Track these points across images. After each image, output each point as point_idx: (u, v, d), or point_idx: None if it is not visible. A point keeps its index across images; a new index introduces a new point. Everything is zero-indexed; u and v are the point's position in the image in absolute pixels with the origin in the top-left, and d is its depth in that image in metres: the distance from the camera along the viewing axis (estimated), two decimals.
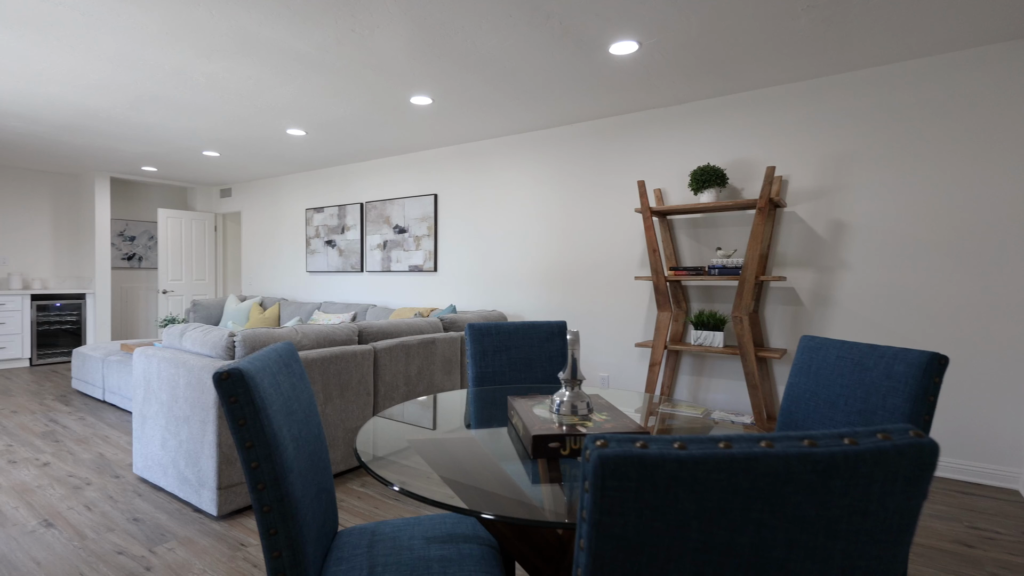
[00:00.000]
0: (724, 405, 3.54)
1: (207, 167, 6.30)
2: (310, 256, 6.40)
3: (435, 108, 3.95)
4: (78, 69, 3.27)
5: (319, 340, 3.01)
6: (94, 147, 5.35)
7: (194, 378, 2.55)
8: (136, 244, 7.60)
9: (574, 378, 1.36)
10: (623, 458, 0.60)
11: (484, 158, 4.85)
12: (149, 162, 6.07)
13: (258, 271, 7.14)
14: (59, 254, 6.90)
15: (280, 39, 2.84)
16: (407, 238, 5.43)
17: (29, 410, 4.33)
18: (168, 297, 7.24)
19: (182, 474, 2.62)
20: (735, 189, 3.50)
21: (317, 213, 6.30)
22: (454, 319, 3.97)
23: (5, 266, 6.48)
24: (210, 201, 7.82)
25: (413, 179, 5.40)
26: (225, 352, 2.63)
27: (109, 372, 4.49)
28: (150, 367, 2.83)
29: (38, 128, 4.66)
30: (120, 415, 4.21)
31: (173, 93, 3.69)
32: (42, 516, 2.49)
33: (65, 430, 3.81)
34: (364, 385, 3.13)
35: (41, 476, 2.96)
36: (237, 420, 1.08)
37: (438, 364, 3.65)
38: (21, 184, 6.57)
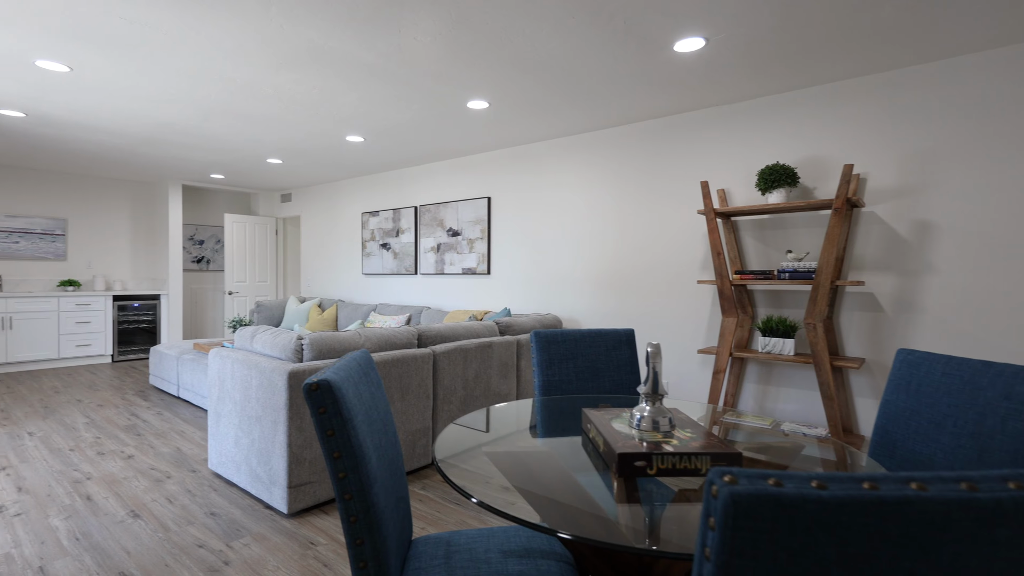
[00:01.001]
0: (793, 416, 3.37)
1: (270, 173, 6.56)
2: (366, 259, 6.55)
3: (491, 112, 3.96)
4: (159, 85, 3.46)
5: (381, 343, 3.06)
6: (168, 157, 5.66)
7: (265, 380, 2.64)
8: (204, 247, 8.01)
9: (655, 392, 1.32)
10: (758, 497, 0.55)
11: (538, 160, 4.82)
12: (217, 170, 6.38)
13: (316, 273, 7.37)
14: (136, 257, 7.35)
15: (346, 50, 2.91)
16: (460, 241, 5.47)
17: (113, 404, 4.63)
18: (233, 298, 7.59)
19: (254, 472, 2.72)
20: (806, 188, 3.33)
21: (372, 216, 6.45)
22: (510, 323, 3.96)
23: (90, 269, 6.96)
24: (272, 206, 8.14)
25: (466, 182, 5.44)
26: (294, 355, 2.71)
27: (183, 370, 4.74)
28: (224, 368, 2.96)
29: (121, 141, 4.97)
30: (193, 411, 4.43)
31: (242, 105, 3.85)
32: (129, 507, 2.64)
33: (145, 424, 4.04)
34: (424, 388, 3.16)
35: (126, 468, 3.15)
36: (325, 431, 1.10)
37: (495, 368, 3.65)
38: (104, 193, 7.04)
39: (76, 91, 3.60)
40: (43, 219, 6.55)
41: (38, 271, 6.55)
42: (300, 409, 2.55)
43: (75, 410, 4.43)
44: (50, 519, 2.51)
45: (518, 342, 3.87)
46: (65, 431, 3.85)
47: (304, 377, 2.57)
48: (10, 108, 4.01)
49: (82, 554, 2.22)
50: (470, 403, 3.46)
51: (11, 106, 3.96)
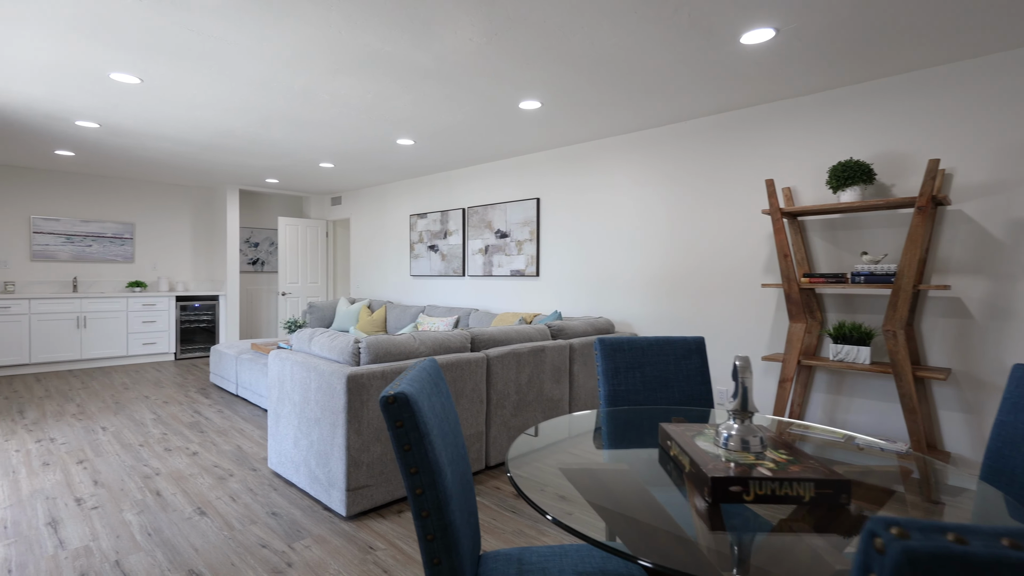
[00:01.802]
0: (868, 428, 3.16)
1: (322, 177, 6.71)
2: (414, 260, 6.61)
3: (544, 112, 3.90)
4: (222, 94, 3.57)
5: (435, 347, 3.05)
6: (228, 163, 5.87)
7: (324, 382, 2.66)
8: (259, 250, 8.28)
9: (744, 409, 1.22)
10: (938, 557, 0.47)
11: (588, 160, 4.73)
12: (272, 174, 6.57)
13: (365, 275, 7.50)
14: (197, 259, 7.67)
15: (401, 54, 2.91)
16: (509, 243, 5.44)
17: (177, 401, 4.82)
18: (286, 299, 7.81)
19: (313, 473, 2.75)
20: (883, 186, 3.12)
21: (420, 219, 6.50)
22: (561, 327, 3.89)
23: (155, 270, 7.30)
24: (322, 208, 8.34)
25: (515, 183, 5.40)
26: (351, 358, 2.73)
27: (241, 369, 4.89)
28: (284, 369, 3.01)
29: (185, 148, 5.17)
30: (251, 409, 4.56)
31: (299, 111, 3.92)
32: (196, 504, 2.72)
33: (207, 422, 4.18)
34: (477, 393, 3.13)
35: (192, 465, 3.25)
36: (402, 445, 1.06)
37: (547, 373, 3.59)
38: (167, 198, 7.38)
39: (146, 102, 3.76)
40: (113, 224, 6.92)
41: (109, 273, 6.92)
42: (358, 412, 2.56)
43: (143, 406, 4.63)
44: (124, 513, 2.61)
45: (571, 346, 3.79)
46: (135, 427, 4.02)
47: (363, 381, 2.58)
48: (87, 119, 4.23)
49: (154, 549, 2.29)
50: (523, 408, 3.41)
51: (87, 118, 4.17)
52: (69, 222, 6.60)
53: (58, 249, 6.54)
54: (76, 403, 4.71)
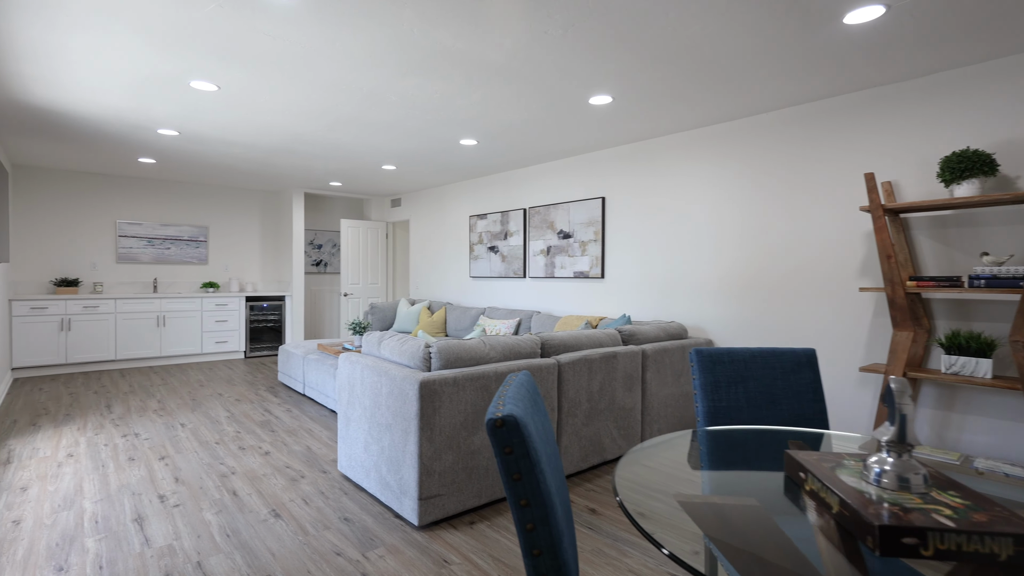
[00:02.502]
0: (986, 450, 2.82)
1: (383, 179, 6.77)
2: (473, 262, 6.57)
3: (614, 107, 3.73)
4: (293, 99, 3.61)
5: (505, 352, 2.95)
6: (294, 166, 6.01)
7: (396, 388, 2.61)
8: (323, 251, 8.49)
9: (903, 442, 1.04)
10: None
11: (659, 156, 4.52)
12: (336, 177, 6.69)
13: (424, 276, 7.54)
14: (265, 261, 7.94)
15: (473, 50, 2.83)
16: (572, 243, 5.29)
17: (248, 399, 4.96)
18: (348, 299, 7.97)
19: (384, 479, 2.71)
20: (1007, 178, 2.77)
21: (480, 219, 6.45)
22: (633, 331, 3.71)
23: (227, 272, 7.61)
24: (383, 210, 8.46)
25: (579, 182, 5.25)
26: (422, 363, 2.67)
27: (308, 369, 4.98)
28: (354, 373, 2.99)
29: (255, 153, 5.33)
30: (318, 409, 4.62)
31: (367, 113, 3.93)
32: (271, 506, 2.73)
33: (277, 421, 4.26)
34: (549, 401, 3.01)
35: (265, 465, 3.30)
36: (511, 473, 0.95)
37: (619, 380, 3.42)
38: (238, 202, 7.67)
39: (222, 109, 3.86)
40: (189, 227, 7.26)
41: (185, 274, 7.26)
42: (430, 419, 2.50)
43: (217, 404, 4.79)
44: (203, 512, 2.65)
45: (643, 352, 3.61)
46: (210, 424, 4.15)
47: (435, 387, 2.51)
48: (167, 128, 4.41)
49: (233, 552, 2.30)
50: (594, 417, 3.26)
51: (168, 126, 4.34)
52: (150, 226, 6.96)
53: (140, 251, 6.91)
54: (157, 399, 4.93)
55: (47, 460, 3.33)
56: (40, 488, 2.91)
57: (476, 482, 2.68)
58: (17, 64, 3.11)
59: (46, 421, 4.18)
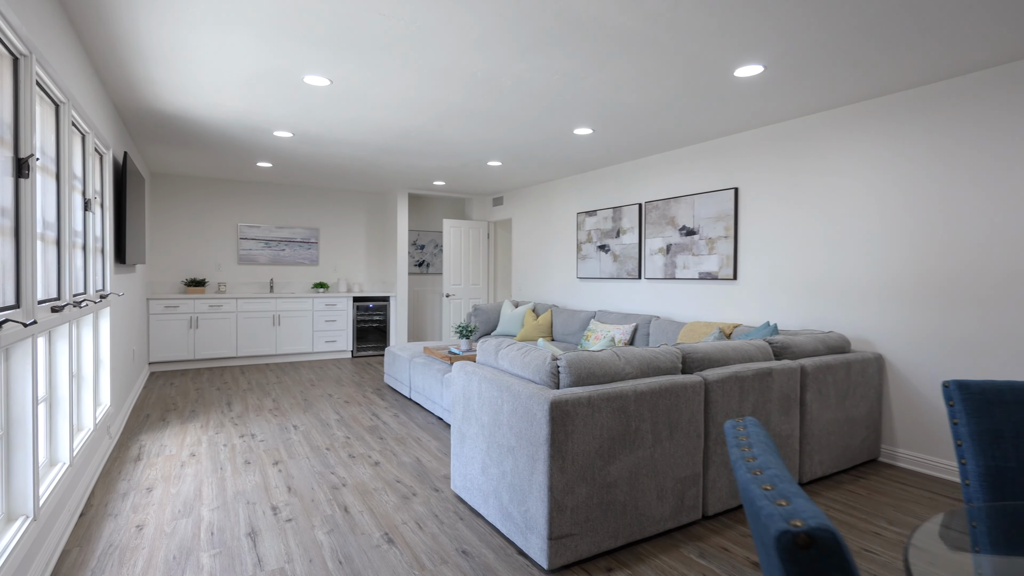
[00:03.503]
0: None
1: (487, 177, 6.56)
2: (581, 262, 6.16)
3: (764, 79, 3.16)
4: (403, 89, 3.41)
5: (642, 367, 2.52)
6: (400, 166, 5.94)
7: (520, 406, 2.27)
8: (425, 252, 8.48)
9: None
10: None
11: (809, 138, 3.85)
12: (440, 176, 6.57)
13: (527, 277, 7.24)
14: (370, 262, 8.05)
15: (605, 17, 2.43)
16: (697, 241, 4.71)
17: (356, 402, 4.90)
18: (450, 301, 7.87)
19: (505, 508, 2.38)
20: None
21: (589, 217, 6.02)
22: (785, 343, 3.12)
23: (336, 272, 7.79)
24: (484, 210, 8.29)
25: (706, 172, 4.66)
26: (549, 378, 2.31)
27: (414, 373, 4.83)
28: (470, 385, 2.70)
29: (364, 153, 5.29)
30: (425, 415, 4.44)
31: (478, 103, 3.66)
32: (383, 528, 2.50)
33: (385, 427, 4.12)
34: (694, 425, 2.53)
35: (375, 477, 3.11)
36: None
37: (775, 402, 2.86)
38: (346, 204, 7.84)
39: (333, 104, 3.76)
40: (302, 229, 7.50)
41: (298, 275, 7.51)
42: (562, 446, 2.13)
43: (327, 405, 4.77)
44: (315, 531, 2.48)
45: (802, 369, 3.01)
46: (321, 427, 4.09)
47: (567, 408, 2.14)
48: (282, 129, 4.43)
49: None
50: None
51: (283, 127, 4.36)
52: (267, 228, 7.27)
53: (259, 253, 7.23)
54: (272, 398, 5.02)
55: (172, 459, 3.38)
56: (163, 490, 2.91)
57: (612, 520, 2.27)
58: (148, 69, 3.16)
59: (174, 417, 4.34)
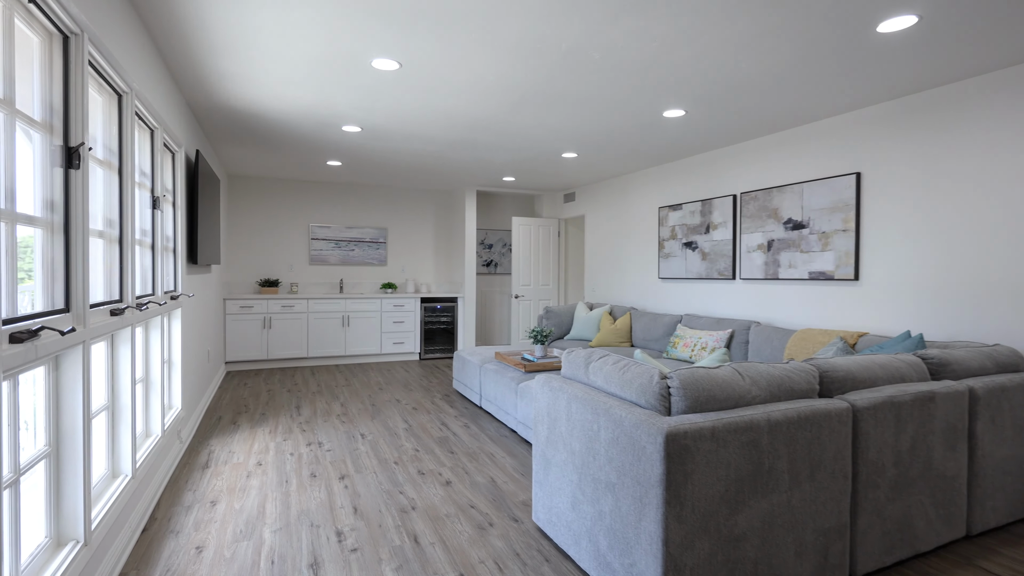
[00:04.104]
0: None
1: (560, 171, 6.16)
2: (663, 261, 5.63)
3: (916, 33, 2.58)
4: (476, 70, 3.09)
5: (772, 388, 2.04)
6: (469, 161, 5.66)
7: (623, 435, 1.87)
8: (493, 251, 8.20)
9: None
10: None
11: (958, 109, 3.18)
12: (510, 171, 6.25)
13: (601, 277, 6.78)
14: (438, 262, 7.86)
15: None
16: (807, 236, 4.10)
17: (424, 409, 4.65)
18: (519, 302, 7.53)
19: (602, 556, 1.98)
20: None
21: (673, 211, 5.49)
22: (943, 359, 2.52)
23: (403, 273, 7.66)
24: (554, 207, 7.89)
25: (819, 156, 4.04)
26: (657, 401, 1.88)
27: (485, 380, 4.51)
28: (557, 404, 2.32)
29: (433, 147, 5.04)
30: (497, 426, 4.11)
31: (559, 83, 3.28)
32: (458, 567, 2.17)
33: (455, 438, 3.82)
34: (840, 463, 2.02)
35: (447, 500, 2.80)
36: None
37: (937, 435, 2.29)
38: (414, 203, 7.68)
39: (402, 93, 3.50)
40: (371, 229, 7.41)
41: (366, 275, 7.43)
42: (679, 488, 1.70)
43: (395, 411, 4.55)
44: (382, 565, 2.18)
45: (971, 392, 2.41)
46: (389, 437, 3.85)
47: (688, 442, 1.71)
48: (351, 123, 4.24)
49: None
50: (903, 489, 2.18)
51: (351, 121, 4.17)
52: (337, 228, 7.23)
53: (329, 253, 7.20)
54: (340, 402, 4.86)
55: (239, 468, 3.22)
56: (227, 504, 2.73)
57: None
58: (216, 60, 3.01)
59: (244, 420, 4.25)
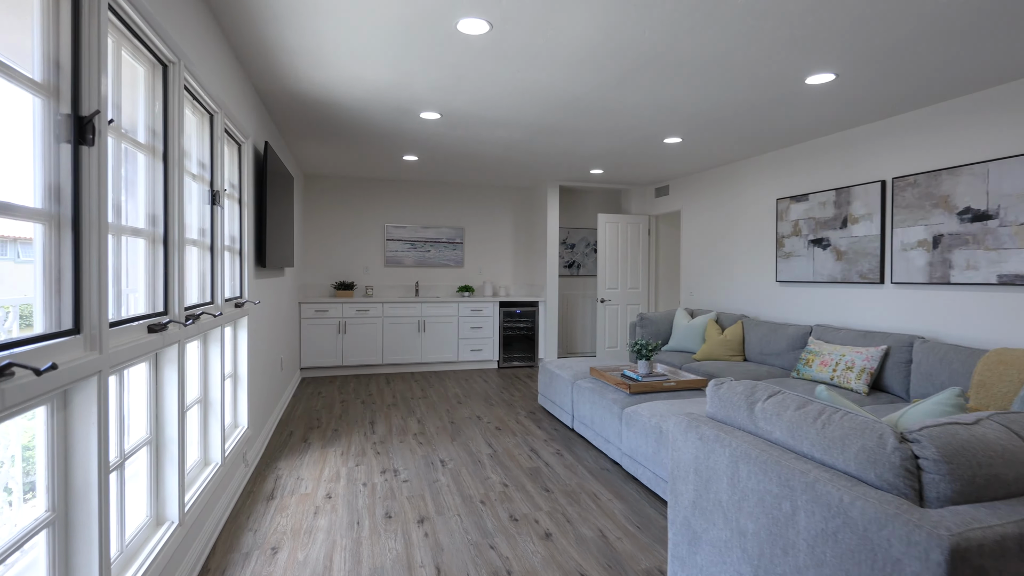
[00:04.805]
0: None
1: (657, 160, 5.45)
2: (782, 261, 4.80)
3: None
4: (581, 30, 2.51)
5: None
6: (555, 151, 5.10)
7: (846, 530, 1.22)
8: (575, 252, 7.59)
9: None
10: None
11: None
12: (599, 163, 5.62)
13: (701, 280, 5.99)
14: (517, 263, 7.36)
15: None
16: (994, 229, 3.19)
17: (509, 429, 4.13)
18: (605, 307, 6.87)
19: None
20: None
21: (797, 203, 4.65)
22: None
23: (481, 275, 7.21)
24: (643, 202, 7.17)
25: (1010, 128, 3.13)
26: (898, 477, 1.23)
27: (579, 399, 3.92)
28: (713, 460, 1.69)
29: (517, 135, 4.52)
30: (595, 456, 3.51)
31: (684, 43, 2.64)
32: None
33: (549, 470, 3.26)
34: None
35: (548, 562, 2.24)
36: None
37: None
38: (492, 200, 7.22)
39: (489, 64, 2.99)
40: (447, 228, 7.03)
41: (442, 277, 7.05)
42: None
43: (476, 431, 4.06)
44: None
45: None
46: (472, 465, 3.35)
47: (983, 559, 1.05)
48: (430, 109, 3.80)
49: None
50: None
51: (430, 106, 3.72)
52: (413, 229, 6.90)
53: (404, 254, 6.88)
54: (417, 417, 4.45)
55: (305, 500, 2.83)
56: (290, 554, 2.31)
57: None
58: (279, 31, 2.62)
59: (315, 437, 3.91)
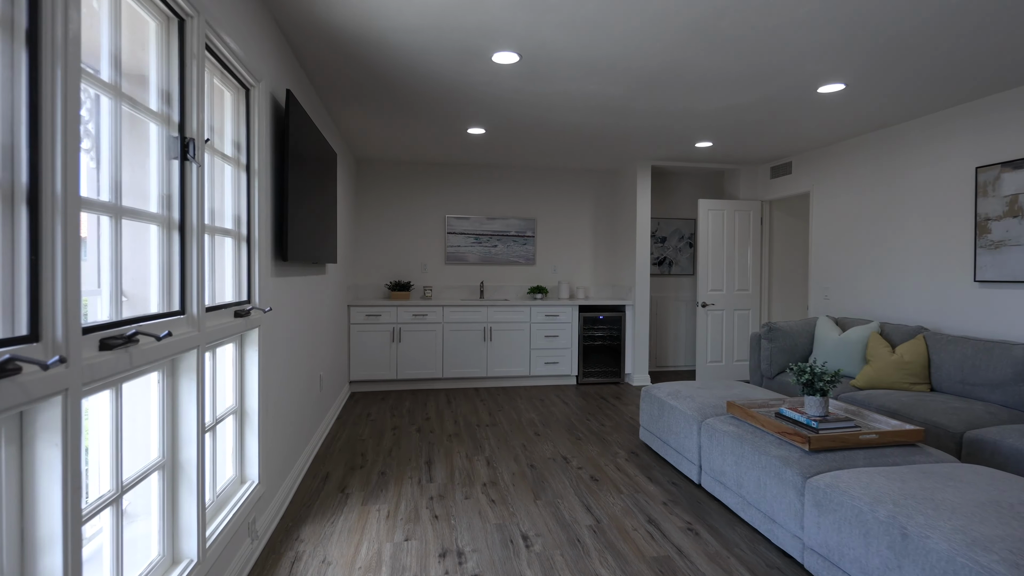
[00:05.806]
0: None
1: (787, 127, 4.22)
2: (986, 253, 3.47)
3: None
4: None
5: None
6: (657, 116, 3.98)
7: None
8: (666, 246, 6.40)
9: None
10: None
11: None
12: (710, 134, 4.45)
13: (839, 279, 4.69)
14: (597, 261, 6.27)
15: None
16: None
17: (609, 480, 3.08)
18: (707, 312, 5.66)
19: None
20: None
21: (1014, 171, 3.31)
22: None
23: (555, 274, 6.18)
24: (755, 185, 5.90)
25: None
26: None
27: (710, 445, 2.81)
28: None
29: (613, 90, 3.45)
30: (750, 538, 2.40)
31: None
32: None
33: (685, 564, 2.19)
34: None
35: None
36: None
37: None
38: (568, 186, 6.17)
39: None
40: (516, 220, 6.04)
41: (511, 276, 6.07)
42: None
43: (565, 482, 3.04)
44: None
45: None
46: (569, 547, 2.33)
47: None
48: (505, 47, 2.81)
49: None
50: None
51: (507, 42, 2.73)
52: (477, 220, 5.96)
53: (467, 250, 5.96)
54: (485, 456, 3.47)
55: None
56: None
57: None
58: None
59: (356, 485, 3.01)
